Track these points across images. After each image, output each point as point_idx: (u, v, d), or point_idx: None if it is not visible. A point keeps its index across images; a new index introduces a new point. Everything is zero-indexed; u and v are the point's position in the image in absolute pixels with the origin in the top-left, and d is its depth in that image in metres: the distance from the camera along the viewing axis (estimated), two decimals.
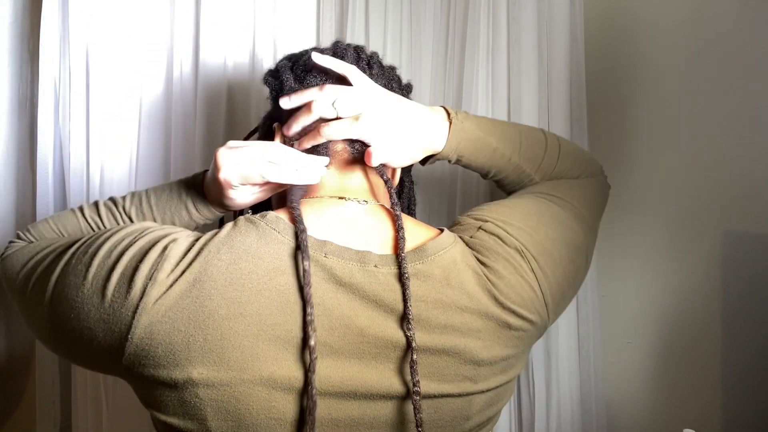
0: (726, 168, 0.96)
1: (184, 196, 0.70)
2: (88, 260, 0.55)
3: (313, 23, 1.10)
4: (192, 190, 0.70)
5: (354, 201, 0.63)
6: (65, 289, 0.55)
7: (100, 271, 0.54)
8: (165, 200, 0.70)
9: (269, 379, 0.52)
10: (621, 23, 1.12)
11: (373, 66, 0.70)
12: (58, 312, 0.56)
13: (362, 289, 0.56)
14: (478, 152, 0.74)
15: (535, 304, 0.61)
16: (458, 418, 0.59)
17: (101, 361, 0.55)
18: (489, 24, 1.05)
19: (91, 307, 0.53)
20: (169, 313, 0.51)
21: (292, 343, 0.53)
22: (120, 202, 0.71)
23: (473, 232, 0.64)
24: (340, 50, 0.70)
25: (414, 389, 0.54)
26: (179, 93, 1.03)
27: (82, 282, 0.54)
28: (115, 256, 0.54)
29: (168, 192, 0.71)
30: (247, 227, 0.56)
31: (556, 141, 0.80)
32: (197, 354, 0.51)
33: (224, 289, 0.52)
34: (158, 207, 0.70)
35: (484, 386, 0.59)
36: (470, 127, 0.73)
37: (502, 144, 0.75)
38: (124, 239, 0.56)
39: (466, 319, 0.57)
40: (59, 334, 0.57)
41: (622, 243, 1.10)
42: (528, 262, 0.62)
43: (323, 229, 0.59)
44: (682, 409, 1.01)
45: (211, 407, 0.52)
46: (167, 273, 0.52)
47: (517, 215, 0.66)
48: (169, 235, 0.56)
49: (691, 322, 1.00)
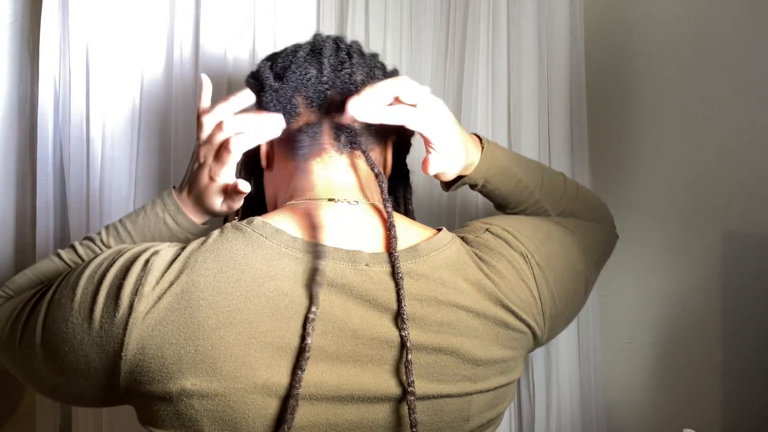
0: (726, 168, 0.96)
1: (161, 213, 0.69)
2: (70, 292, 0.54)
3: (313, 23, 1.10)
4: (169, 205, 0.69)
5: (344, 202, 0.62)
6: (54, 324, 0.54)
7: (84, 298, 0.53)
8: (142, 223, 0.69)
9: (263, 386, 0.52)
10: (621, 23, 1.12)
11: (353, 55, 0.68)
12: (52, 349, 0.54)
13: (354, 289, 0.55)
14: (505, 181, 0.75)
15: (533, 309, 0.61)
16: (458, 419, 0.58)
17: (103, 389, 0.54)
18: (489, 24, 1.05)
19: (84, 335, 0.52)
20: (159, 327, 0.51)
21: (284, 349, 0.52)
22: (97, 238, 0.70)
23: (479, 233, 0.64)
24: (320, 42, 0.69)
25: (409, 389, 0.54)
26: (179, 93, 1.03)
27: (69, 313, 0.53)
28: (97, 280, 0.53)
29: (143, 214, 0.70)
30: (234, 234, 0.55)
31: (575, 185, 0.83)
32: (189, 365, 0.51)
33: (212, 299, 0.51)
34: (136, 231, 0.69)
35: (483, 386, 0.59)
36: (500, 155, 0.74)
37: (526, 176, 0.76)
38: (102, 263, 0.55)
39: (462, 318, 0.57)
40: (57, 373, 0.55)
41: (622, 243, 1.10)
42: (531, 267, 0.62)
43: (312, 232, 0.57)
44: (682, 409, 1.01)
45: (207, 418, 0.51)
46: (152, 286, 0.52)
47: (527, 228, 0.67)
48: (149, 248, 0.55)
49: (691, 322, 1.00)
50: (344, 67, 0.65)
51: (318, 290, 0.53)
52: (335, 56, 0.67)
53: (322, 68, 0.66)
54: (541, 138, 1.09)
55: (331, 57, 0.67)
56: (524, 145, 1.09)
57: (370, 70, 0.68)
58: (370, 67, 0.69)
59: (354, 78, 0.66)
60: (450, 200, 1.10)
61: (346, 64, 0.66)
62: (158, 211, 0.69)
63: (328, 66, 0.65)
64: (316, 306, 0.52)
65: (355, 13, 1.08)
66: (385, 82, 0.61)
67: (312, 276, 0.54)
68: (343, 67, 0.66)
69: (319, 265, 0.53)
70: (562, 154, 1.10)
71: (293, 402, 0.51)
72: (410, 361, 0.54)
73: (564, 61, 1.06)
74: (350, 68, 0.66)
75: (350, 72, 0.66)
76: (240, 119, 0.63)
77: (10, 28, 1.07)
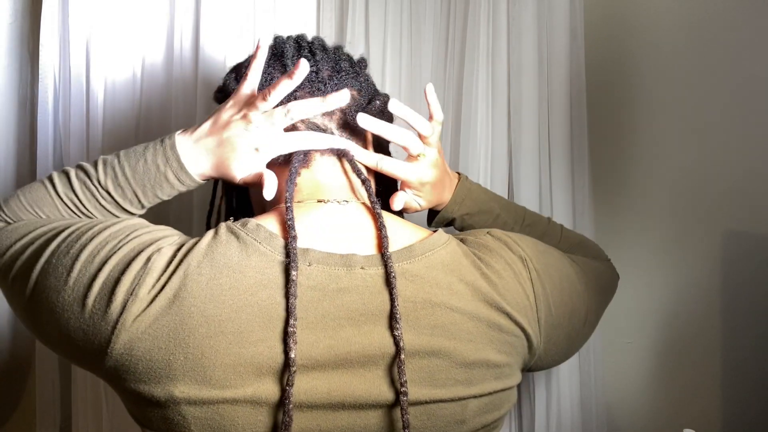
0: (726, 168, 0.96)
1: (163, 167, 0.64)
2: (69, 263, 0.53)
3: (313, 23, 1.10)
4: (171, 161, 0.64)
5: (334, 202, 0.62)
6: (45, 291, 0.54)
7: (81, 278, 0.53)
8: (142, 172, 0.64)
9: (252, 396, 0.51)
10: (621, 23, 1.12)
11: (315, 52, 0.67)
12: (40, 311, 0.54)
13: (349, 294, 0.54)
14: (481, 214, 0.77)
15: (527, 312, 0.60)
16: (451, 422, 0.57)
17: (86, 363, 0.54)
18: (489, 25, 1.05)
19: (71, 315, 0.52)
20: (149, 330, 0.50)
21: (274, 360, 0.52)
22: (93, 174, 0.65)
23: (480, 236, 0.64)
24: (280, 44, 0.69)
25: (402, 389, 0.53)
26: (179, 93, 1.03)
27: (63, 286, 0.53)
28: (97, 263, 0.53)
29: (143, 162, 0.64)
30: (228, 238, 0.55)
31: (559, 227, 0.84)
32: (178, 372, 0.50)
33: (204, 306, 0.51)
34: (135, 179, 0.64)
35: (477, 390, 0.57)
36: (476, 189, 0.77)
37: (504, 213, 0.79)
38: (108, 242, 0.54)
39: (455, 320, 0.56)
40: (42, 330, 0.56)
41: (622, 243, 1.10)
42: (529, 271, 0.62)
43: (304, 236, 0.57)
44: (682, 409, 1.01)
45: (196, 425, 0.51)
46: (148, 288, 0.51)
47: (528, 239, 0.67)
48: (155, 242, 0.54)
49: (691, 322, 1.00)
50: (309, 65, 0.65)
51: (294, 302, 0.52)
52: (297, 56, 0.67)
53: (286, 70, 0.65)
54: (541, 138, 1.09)
55: (294, 57, 0.67)
56: (524, 145, 1.09)
57: (336, 64, 0.67)
58: (335, 60, 0.68)
59: (321, 75, 0.65)
60: None
61: (310, 62, 0.65)
62: (159, 164, 0.64)
63: (292, 66, 0.64)
64: (294, 319, 0.51)
65: (355, 13, 1.08)
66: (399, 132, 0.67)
67: (286, 287, 0.53)
68: None
69: (294, 277, 0.52)
70: (562, 154, 1.10)
71: (287, 418, 0.50)
72: (403, 361, 0.53)
73: (564, 61, 1.06)
74: (315, 65, 0.65)
75: (316, 70, 0.65)
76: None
77: (10, 28, 1.07)
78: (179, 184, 0.65)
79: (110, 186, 0.64)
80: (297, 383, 0.52)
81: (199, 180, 0.66)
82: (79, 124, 1.01)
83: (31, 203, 0.64)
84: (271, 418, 0.52)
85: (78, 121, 1.01)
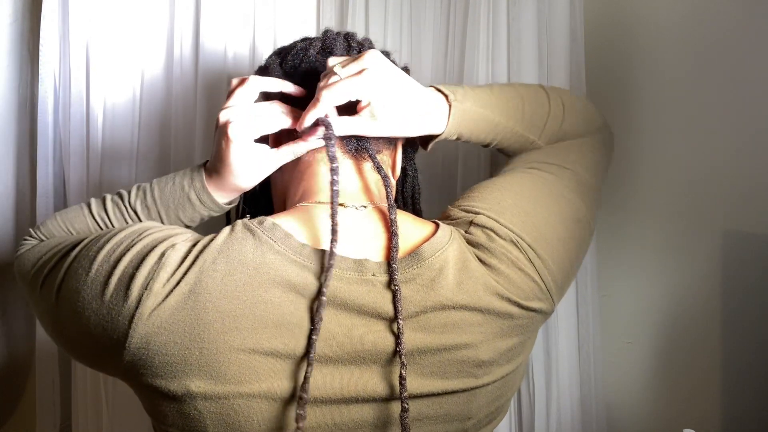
0: (726, 168, 0.96)
1: (187, 188, 0.68)
2: (87, 264, 0.55)
3: (313, 21, 1.10)
4: (196, 181, 0.68)
5: (351, 207, 0.62)
6: (68, 292, 0.56)
7: (98, 276, 0.54)
8: (168, 193, 0.69)
9: (268, 391, 0.52)
10: (621, 23, 1.12)
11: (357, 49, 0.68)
12: (64, 313, 0.56)
13: (361, 298, 0.55)
14: (479, 129, 0.71)
15: (537, 293, 0.61)
16: (462, 412, 0.59)
17: (106, 361, 0.55)
18: (489, 24, 1.05)
19: (91, 312, 0.53)
20: (165, 325, 0.51)
21: (289, 356, 0.53)
22: (126, 197, 0.70)
23: (467, 227, 0.63)
24: (330, 40, 0.68)
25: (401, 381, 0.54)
26: (180, 91, 1.03)
27: (82, 286, 0.54)
28: (113, 260, 0.54)
29: (171, 184, 0.69)
30: (244, 235, 0.55)
31: (559, 101, 0.78)
32: (194, 367, 0.51)
33: (219, 302, 0.52)
34: (162, 200, 0.69)
35: (487, 380, 0.59)
36: (471, 107, 0.69)
37: (503, 117, 0.73)
38: (123, 242, 0.56)
39: (466, 317, 0.57)
40: (66, 334, 0.58)
41: (622, 243, 1.10)
42: (525, 252, 0.61)
43: (319, 239, 0.58)
44: (682, 409, 1.01)
45: (211, 420, 0.52)
46: (163, 283, 0.52)
47: (508, 200, 0.65)
48: (168, 239, 0.55)
49: (691, 322, 1.00)
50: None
51: (322, 308, 0.53)
52: (347, 54, 0.66)
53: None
54: None
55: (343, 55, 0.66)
56: None
57: None
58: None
59: None
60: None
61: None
62: (184, 185, 0.68)
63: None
64: (319, 319, 0.53)
65: (355, 10, 1.08)
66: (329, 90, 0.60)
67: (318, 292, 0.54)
68: None
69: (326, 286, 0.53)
70: None
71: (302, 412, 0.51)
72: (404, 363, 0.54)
73: (564, 61, 1.06)
74: None
75: None
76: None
77: (10, 28, 1.07)
78: (200, 205, 0.68)
79: (138, 206, 0.69)
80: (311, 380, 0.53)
81: (221, 202, 0.69)
82: (79, 124, 1.01)
83: (65, 221, 0.70)
84: (286, 413, 0.53)
85: (78, 121, 1.01)
